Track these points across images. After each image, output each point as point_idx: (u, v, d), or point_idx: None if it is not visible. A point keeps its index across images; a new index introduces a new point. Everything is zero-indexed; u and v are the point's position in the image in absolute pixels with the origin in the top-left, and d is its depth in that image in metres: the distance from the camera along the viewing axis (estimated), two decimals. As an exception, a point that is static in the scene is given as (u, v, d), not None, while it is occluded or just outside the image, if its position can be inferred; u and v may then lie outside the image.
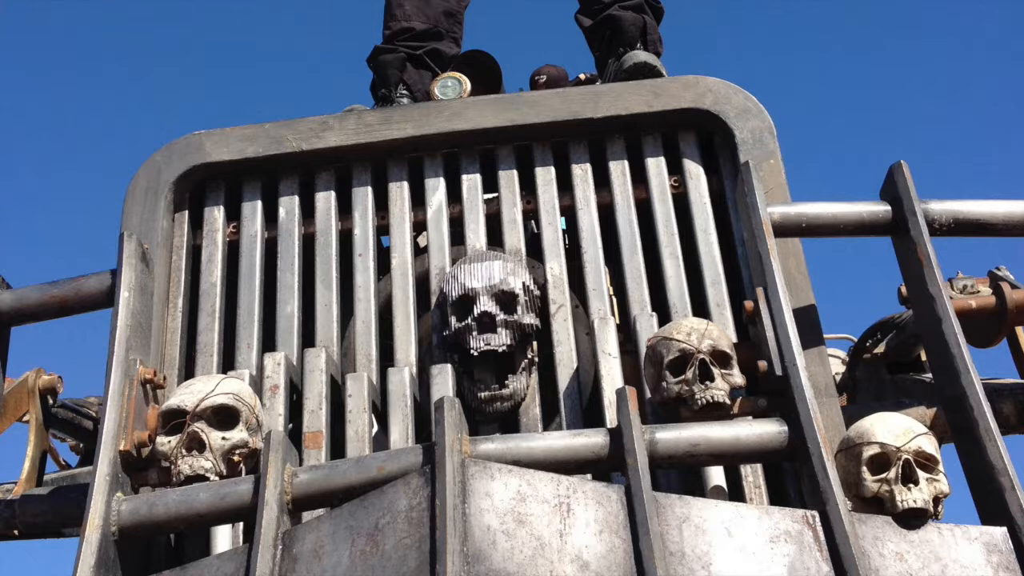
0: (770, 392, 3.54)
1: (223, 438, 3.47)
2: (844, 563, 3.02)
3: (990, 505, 3.38)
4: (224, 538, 3.72)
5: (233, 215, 4.50)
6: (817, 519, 3.11)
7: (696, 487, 3.67)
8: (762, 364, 3.54)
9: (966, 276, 4.62)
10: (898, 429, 3.32)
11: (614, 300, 4.52)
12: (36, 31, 29.88)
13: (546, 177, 4.43)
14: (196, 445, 3.44)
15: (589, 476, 3.40)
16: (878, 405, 4.22)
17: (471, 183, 4.45)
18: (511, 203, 4.40)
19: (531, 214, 4.46)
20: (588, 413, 3.94)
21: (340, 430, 3.84)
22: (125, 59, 32.77)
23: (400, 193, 4.46)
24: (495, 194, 4.46)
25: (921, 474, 3.24)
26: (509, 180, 4.44)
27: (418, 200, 4.48)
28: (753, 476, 3.71)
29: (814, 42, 34.31)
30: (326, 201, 4.47)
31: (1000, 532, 3.21)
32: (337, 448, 3.82)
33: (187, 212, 4.47)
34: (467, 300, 3.96)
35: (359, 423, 3.82)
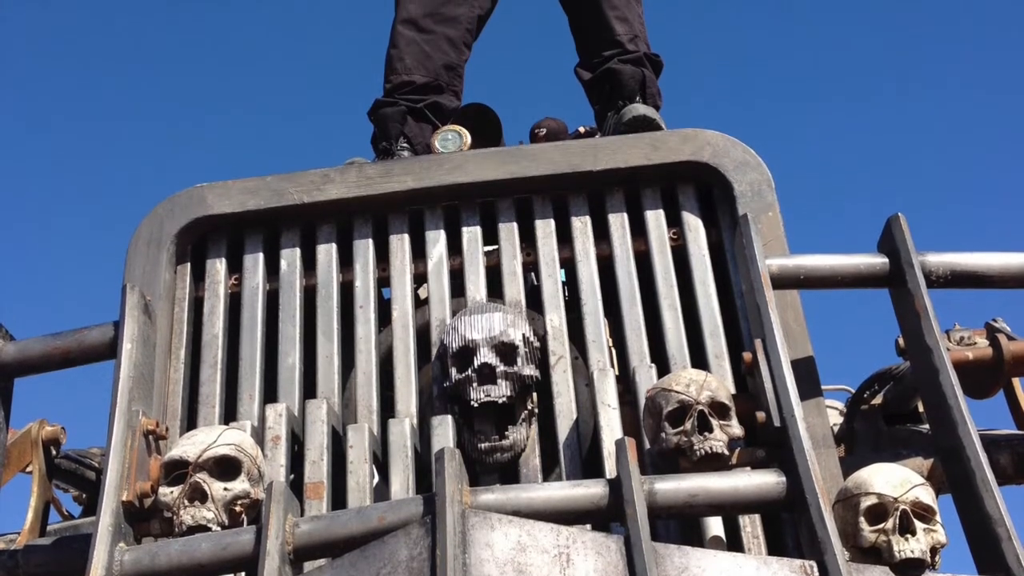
0: (768, 443, 3.55)
1: (225, 489, 3.48)
2: (842, 613, 3.03)
3: (987, 555, 3.39)
4: (226, 588, 3.73)
5: (235, 267, 4.52)
6: (815, 569, 3.11)
7: (695, 537, 3.67)
8: (760, 415, 3.55)
9: (963, 328, 4.65)
10: (895, 480, 3.34)
11: (613, 352, 4.52)
12: (38, 82, 29.97)
13: (546, 229, 4.45)
14: (198, 495, 3.45)
15: (589, 526, 3.40)
16: (876, 456, 4.24)
17: (471, 235, 4.47)
18: (511, 255, 4.42)
19: (531, 266, 4.47)
20: (587, 464, 3.95)
21: (341, 481, 3.84)
22: (127, 111, 32.87)
23: (401, 245, 4.48)
24: (495, 246, 4.48)
25: (918, 524, 3.25)
26: (509, 232, 4.47)
27: (419, 252, 4.50)
28: (751, 526, 3.72)
29: (812, 95, 34.46)
30: (327, 253, 4.49)
31: (997, 582, 3.23)
32: (338, 498, 3.83)
33: (189, 264, 4.49)
34: (467, 352, 3.97)
35: (360, 474, 3.83)
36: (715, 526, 3.70)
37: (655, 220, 4.41)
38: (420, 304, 4.51)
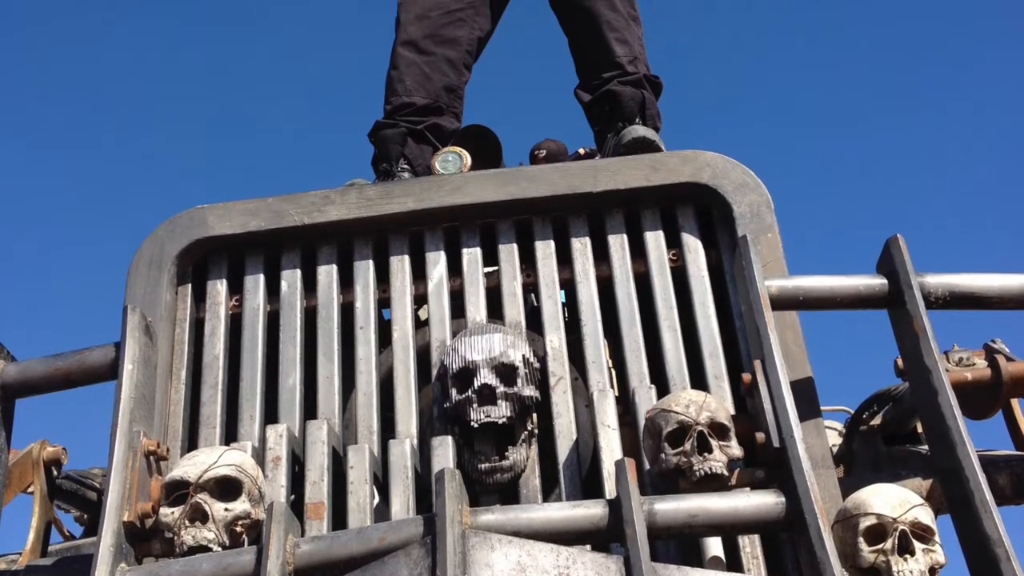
0: (768, 463, 3.56)
1: (226, 509, 3.49)
2: (842, 633, 3.03)
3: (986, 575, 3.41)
4: (226, 609, 3.73)
5: (236, 288, 4.53)
6: (814, 589, 3.13)
7: (694, 558, 3.68)
8: (760, 436, 3.56)
9: (962, 349, 4.65)
10: (894, 500, 3.35)
11: (613, 372, 4.52)
12: (38, 105, 30.01)
13: (546, 251, 4.46)
14: (199, 516, 3.45)
15: (588, 547, 3.41)
16: (875, 476, 4.24)
17: (471, 257, 4.48)
18: (511, 276, 4.43)
19: (531, 287, 4.48)
20: (587, 484, 3.96)
21: (342, 501, 3.85)
22: (129, 133, 32.90)
23: (401, 266, 4.49)
24: (495, 267, 4.49)
25: (917, 545, 3.26)
26: (509, 254, 4.47)
27: (419, 273, 4.50)
28: (751, 547, 3.72)
29: (812, 117, 34.51)
30: (328, 274, 4.50)
31: (996, 602, 3.24)
32: (339, 519, 3.83)
33: (190, 285, 4.50)
34: (467, 372, 3.98)
35: (360, 494, 3.84)
36: (715, 546, 3.70)
37: (655, 241, 4.42)
38: (420, 325, 4.52)
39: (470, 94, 5.82)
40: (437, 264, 4.48)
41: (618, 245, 4.43)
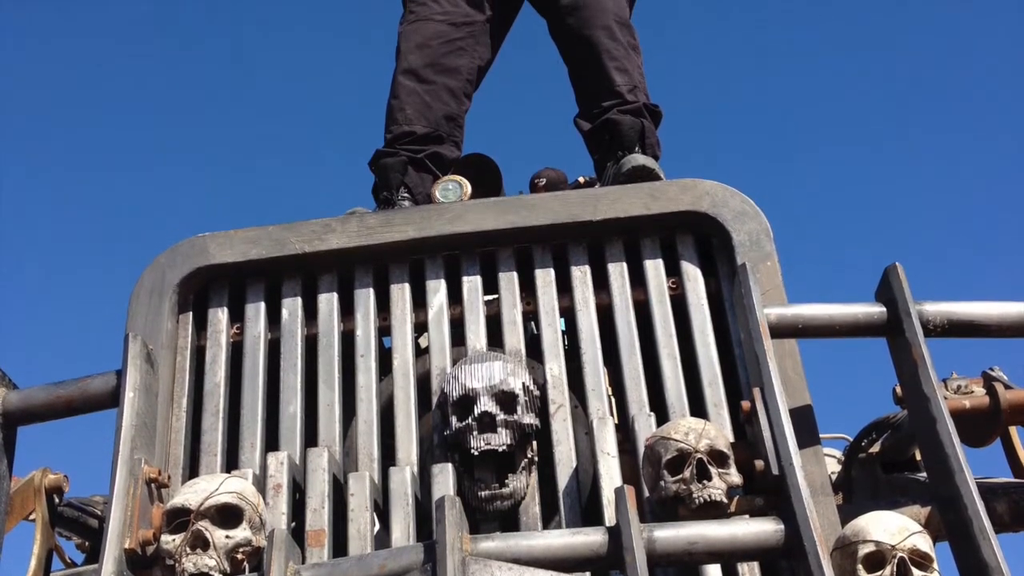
0: (767, 491, 3.56)
1: (227, 536, 3.49)
2: (841, 661, 3.04)
3: (985, 603, 3.41)
4: (226, 636, 3.73)
5: (237, 316, 4.54)
6: (814, 616, 3.14)
7: (694, 585, 3.69)
8: (759, 463, 3.57)
9: (960, 376, 4.65)
10: (893, 527, 3.35)
11: (612, 400, 4.53)
12: (39, 132, 30.05)
13: (546, 279, 4.47)
14: (200, 543, 3.46)
15: (588, 574, 3.41)
16: (873, 504, 4.24)
17: (471, 285, 4.49)
18: (511, 304, 4.44)
19: (531, 315, 4.49)
20: (587, 512, 3.96)
21: (342, 528, 3.85)
22: (130, 161, 32.93)
23: (401, 294, 4.50)
24: (495, 295, 4.49)
25: (916, 572, 3.27)
26: (509, 282, 4.48)
27: (419, 301, 4.51)
28: (750, 574, 3.72)
29: (811, 144, 34.56)
30: (328, 302, 4.51)
31: (995, 629, 3.24)
32: (339, 546, 3.83)
33: (191, 313, 4.51)
34: (468, 400, 3.99)
35: (361, 521, 3.84)
36: (714, 574, 3.71)
37: (654, 269, 4.43)
38: (421, 353, 4.52)
39: (470, 122, 5.85)
40: (437, 292, 4.49)
41: (618, 273, 4.44)
